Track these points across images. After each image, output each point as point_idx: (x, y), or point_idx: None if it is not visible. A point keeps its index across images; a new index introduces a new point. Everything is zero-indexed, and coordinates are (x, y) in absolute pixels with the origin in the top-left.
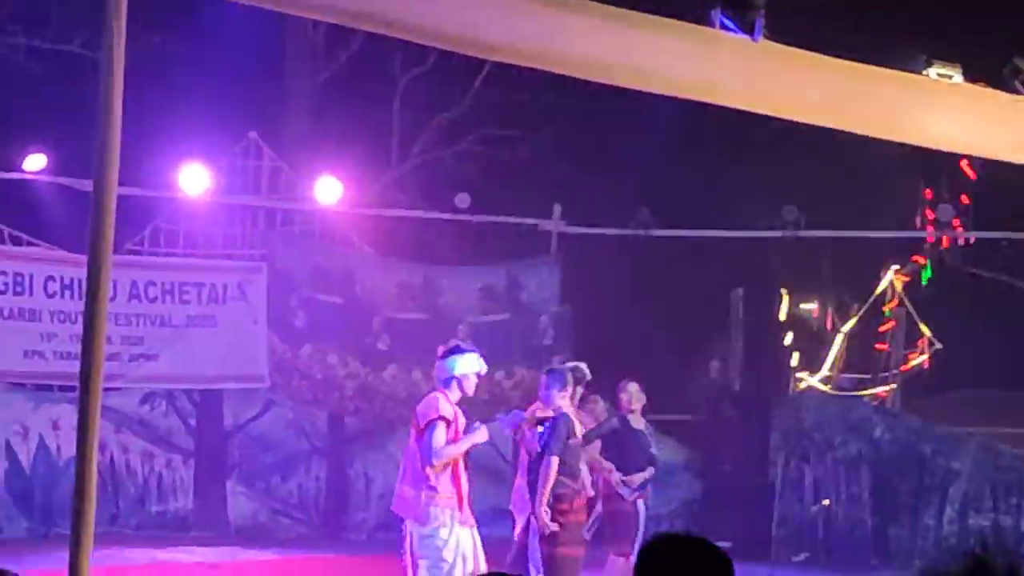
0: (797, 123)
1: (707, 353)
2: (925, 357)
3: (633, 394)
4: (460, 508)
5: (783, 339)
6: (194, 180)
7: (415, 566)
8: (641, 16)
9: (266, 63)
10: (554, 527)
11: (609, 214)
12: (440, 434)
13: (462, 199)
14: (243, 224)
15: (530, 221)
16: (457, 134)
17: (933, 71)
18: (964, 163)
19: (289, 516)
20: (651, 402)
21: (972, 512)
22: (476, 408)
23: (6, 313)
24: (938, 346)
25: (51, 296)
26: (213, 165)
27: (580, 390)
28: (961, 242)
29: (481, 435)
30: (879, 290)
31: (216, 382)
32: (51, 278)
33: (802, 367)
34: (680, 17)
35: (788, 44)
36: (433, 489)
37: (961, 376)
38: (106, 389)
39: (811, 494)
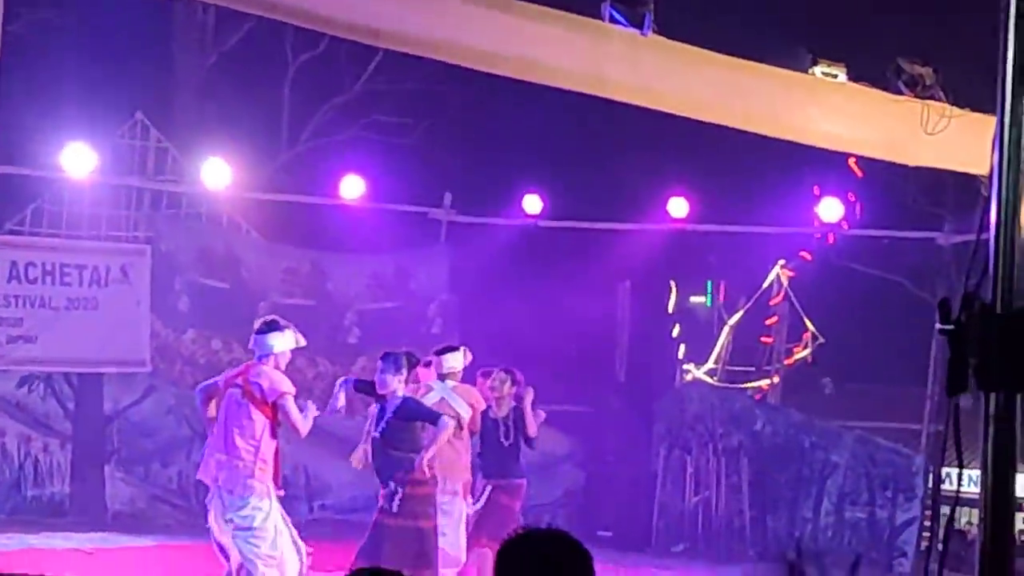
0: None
1: (593, 344)
2: (808, 351)
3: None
4: (276, 480)
5: (671, 331)
6: (79, 160)
7: (234, 536)
8: (531, 7)
9: (155, 42)
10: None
11: (499, 204)
12: (295, 407)
13: (351, 186)
14: (128, 206)
15: (420, 209)
16: (348, 120)
17: (818, 69)
18: (852, 161)
19: (168, 503)
20: (537, 392)
21: (848, 505)
22: (362, 395)
23: None
24: (821, 340)
25: None
26: (98, 145)
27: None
28: (845, 239)
29: (313, 411)
30: (765, 284)
31: (96, 366)
32: None
33: (688, 359)
34: (570, 10)
35: (677, 39)
36: (263, 461)
37: (841, 371)
38: None
39: (692, 485)
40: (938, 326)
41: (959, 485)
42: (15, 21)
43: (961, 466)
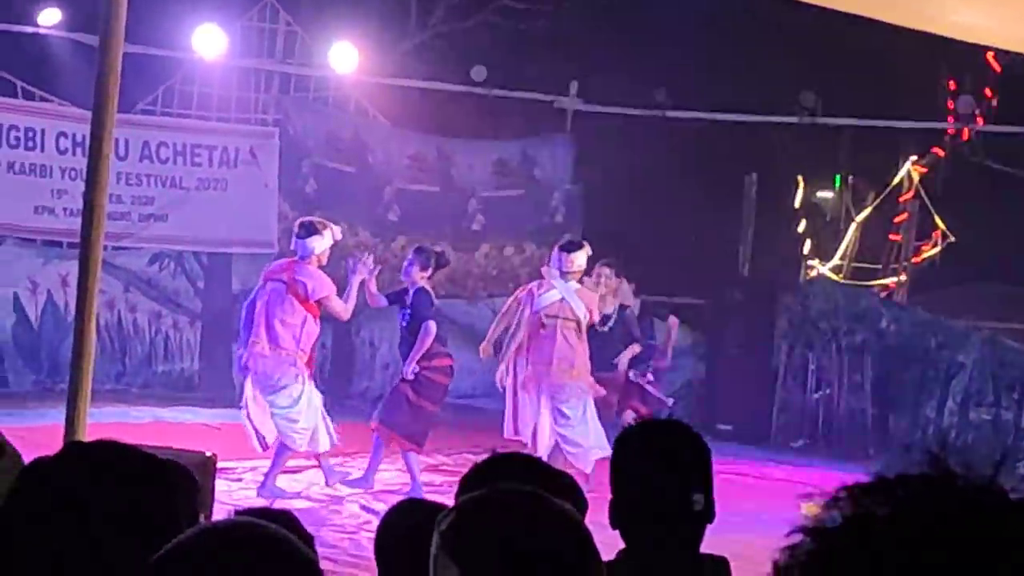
0: (818, 6)
1: (718, 237)
2: (937, 250)
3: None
4: (311, 367)
5: (796, 226)
6: (210, 41)
7: (274, 415)
8: None
9: None
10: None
11: (627, 94)
12: (337, 302)
13: (479, 72)
14: (257, 88)
15: (547, 97)
16: (477, 5)
17: None
18: (990, 55)
19: None
20: (660, 284)
21: (973, 406)
22: (487, 282)
23: (17, 168)
24: (951, 239)
25: (62, 153)
26: (229, 27)
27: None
28: (981, 135)
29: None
30: (896, 180)
31: (224, 246)
32: (63, 134)
33: (814, 255)
34: None
35: None
36: (303, 350)
37: (971, 270)
38: (115, 248)
39: (813, 382)
40: None
41: None
42: None
43: None
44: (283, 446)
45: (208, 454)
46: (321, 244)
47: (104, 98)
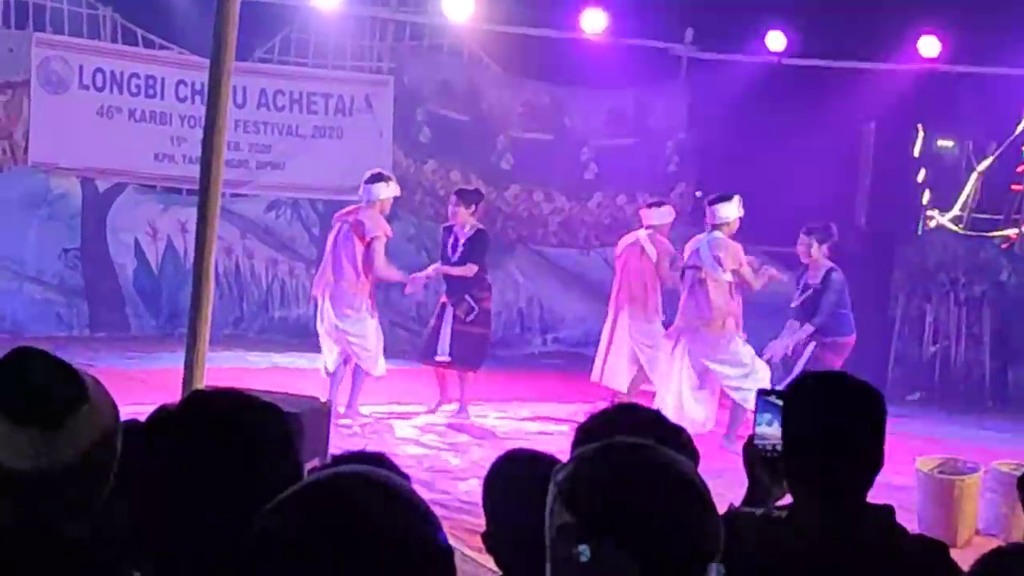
0: None
1: (835, 187)
2: None
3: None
4: (372, 299)
5: (915, 176)
6: None
7: (348, 343)
8: None
9: None
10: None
11: (742, 40)
12: (382, 249)
13: (593, 19)
14: (372, 37)
15: (661, 44)
16: None
17: None
18: None
19: (407, 328)
20: (776, 234)
21: None
22: (600, 232)
23: (138, 116)
24: None
25: (182, 100)
26: None
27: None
28: None
29: (396, 274)
30: (1019, 129)
31: (340, 193)
32: (182, 82)
33: (933, 205)
34: None
35: None
36: (363, 283)
37: None
38: (233, 195)
39: (931, 334)
40: None
41: None
42: None
43: None
44: (359, 369)
45: (323, 399)
46: (386, 192)
47: (222, 46)
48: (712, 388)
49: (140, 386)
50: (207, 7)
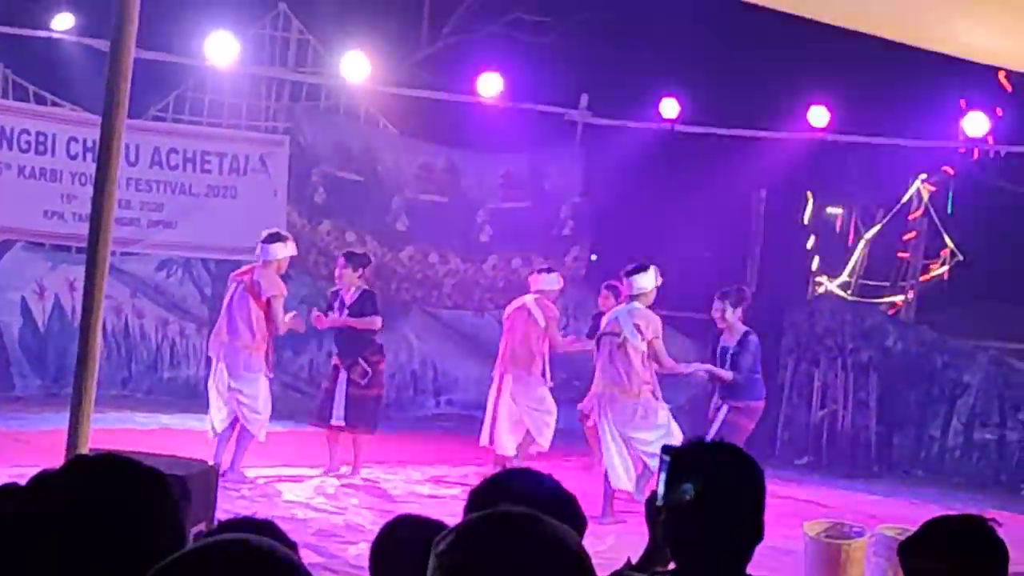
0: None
1: (726, 252)
2: (945, 268)
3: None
4: (268, 362)
5: (805, 242)
6: (222, 49)
7: (238, 404)
8: None
9: None
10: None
11: (636, 107)
12: (280, 308)
13: (489, 83)
14: (268, 96)
15: (557, 110)
16: (488, 17)
17: None
18: (1002, 75)
19: (299, 390)
20: (666, 299)
21: (978, 426)
22: (494, 294)
23: (27, 172)
24: (960, 257)
25: (73, 157)
26: (241, 34)
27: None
28: (991, 154)
29: (299, 324)
30: (905, 198)
31: (232, 253)
32: (73, 139)
33: (822, 271)
34: None
35: None
36: (258, 344)
37: (978, 289)
38: (124, 254)
39: (818, 399)
40: None
41: None
42: None
43: None
44: (245, 431)
45: (211, 463)
46: (283, 251)
47: (114, 103)
48: (635, 454)
49: (24, 447)
50: (100, 64)
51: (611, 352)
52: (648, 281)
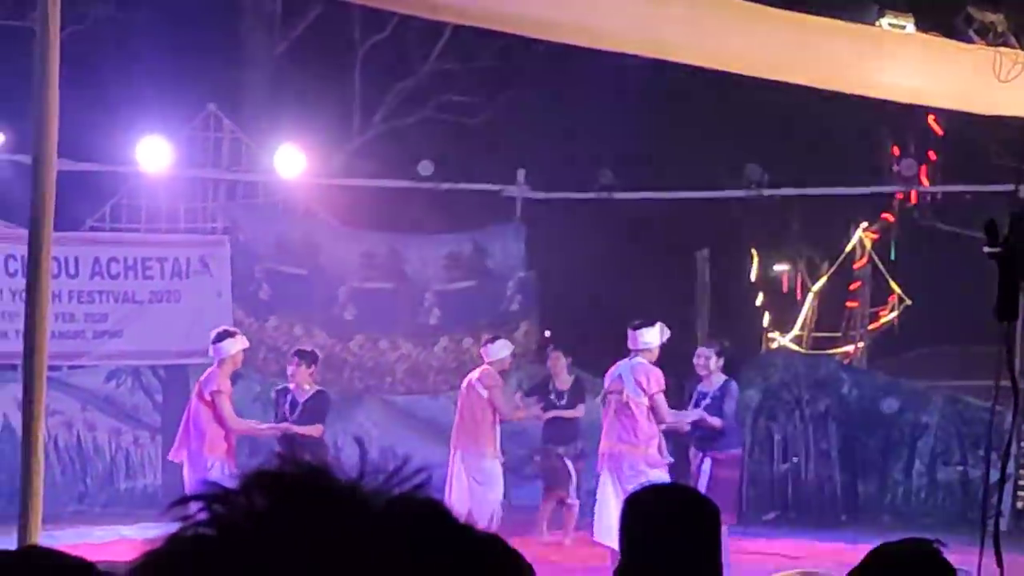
0: (759, 80)
1: (674, 316)
2: (895, 314)
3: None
4: (231, 457)
5: (754, 300)
6: (154, 154)
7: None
8: None
9: (223, 34)
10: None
11: (573, 178)
12: (224, 403)
13: (425, 167)
14: (204, 197)
15: (494, 187)
16: (419, 101)
17: (886, 21)
18: (931, 118)
19: None
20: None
21: (941, 465)
22: (447, 375)
23: None
24: (908, 302)
25: (12, 275)
26: (173, 138)
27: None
28: (928, 198)
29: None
30: (848, 248)
31: (181, 358)
32: (11, 257)
33: (773, 327)
34: None
35: None
36: (213, 444)
37: (928, 331)
38: (71, 367)
39: (780, 452)
40: (986, 249)
41: None
42: (85, 18)
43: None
44: None
45: None
46: (235, 346)
47: (40, 217)
48: None
49: None
50: (29, 179)
51: (616, 410)
52: (653, 337)
